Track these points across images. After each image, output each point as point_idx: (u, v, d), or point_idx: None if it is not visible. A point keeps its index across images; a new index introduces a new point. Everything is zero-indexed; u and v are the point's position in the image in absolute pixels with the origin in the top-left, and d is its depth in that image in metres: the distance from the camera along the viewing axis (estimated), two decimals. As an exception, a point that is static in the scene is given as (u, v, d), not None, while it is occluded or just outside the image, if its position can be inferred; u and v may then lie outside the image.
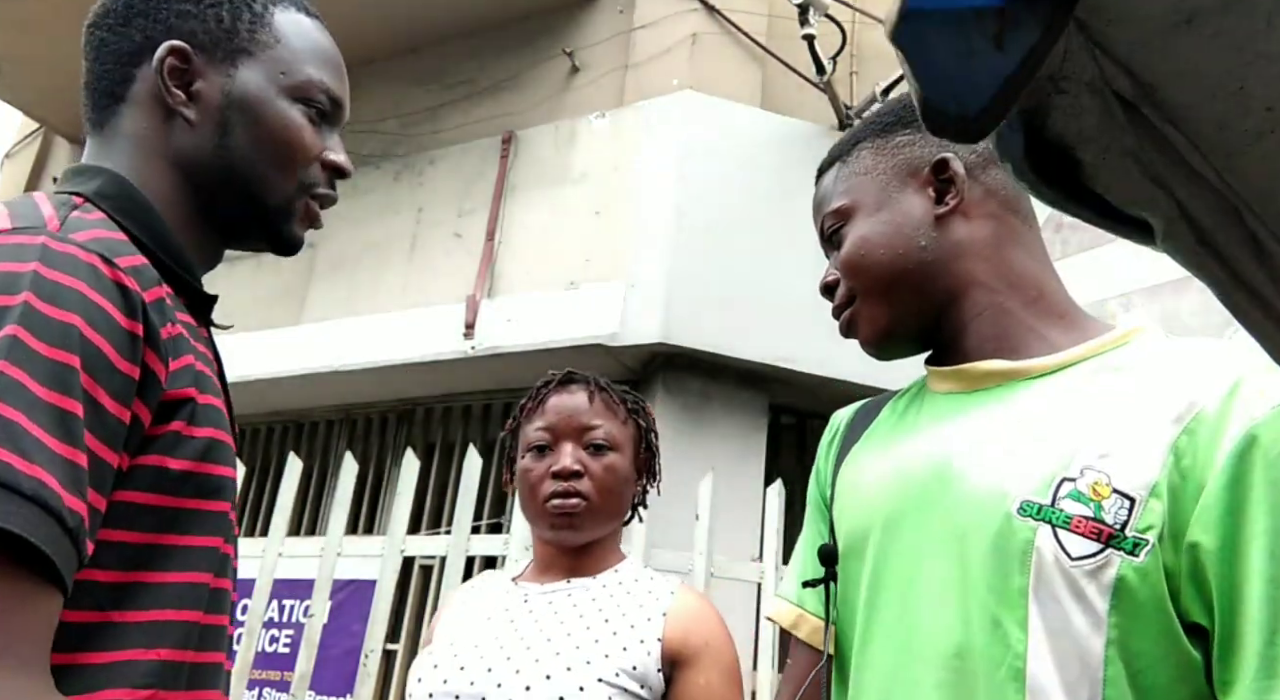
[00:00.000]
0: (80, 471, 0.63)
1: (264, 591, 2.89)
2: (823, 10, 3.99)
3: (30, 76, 5.40)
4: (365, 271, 4.74)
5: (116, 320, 0.67)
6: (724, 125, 4.24)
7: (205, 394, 0.77)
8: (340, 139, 0.93)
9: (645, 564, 2.78)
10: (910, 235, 0.93)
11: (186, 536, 0.75)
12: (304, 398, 4.96)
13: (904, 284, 0.93)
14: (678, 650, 1.23)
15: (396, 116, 5.11)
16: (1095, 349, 0.86)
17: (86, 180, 0.81)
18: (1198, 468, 0.72)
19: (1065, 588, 0.73)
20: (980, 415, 0.87)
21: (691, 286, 3.94)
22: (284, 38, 0.88)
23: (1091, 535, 0.73)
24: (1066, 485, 0.75)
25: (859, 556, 0.90)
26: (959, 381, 0.92)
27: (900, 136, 0.98)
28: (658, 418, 4.38)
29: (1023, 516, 0.76)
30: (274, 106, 0.86)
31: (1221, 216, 0.45)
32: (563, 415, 1.37)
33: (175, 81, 0.84)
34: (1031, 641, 0.74)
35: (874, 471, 0.94)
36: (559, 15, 4.92)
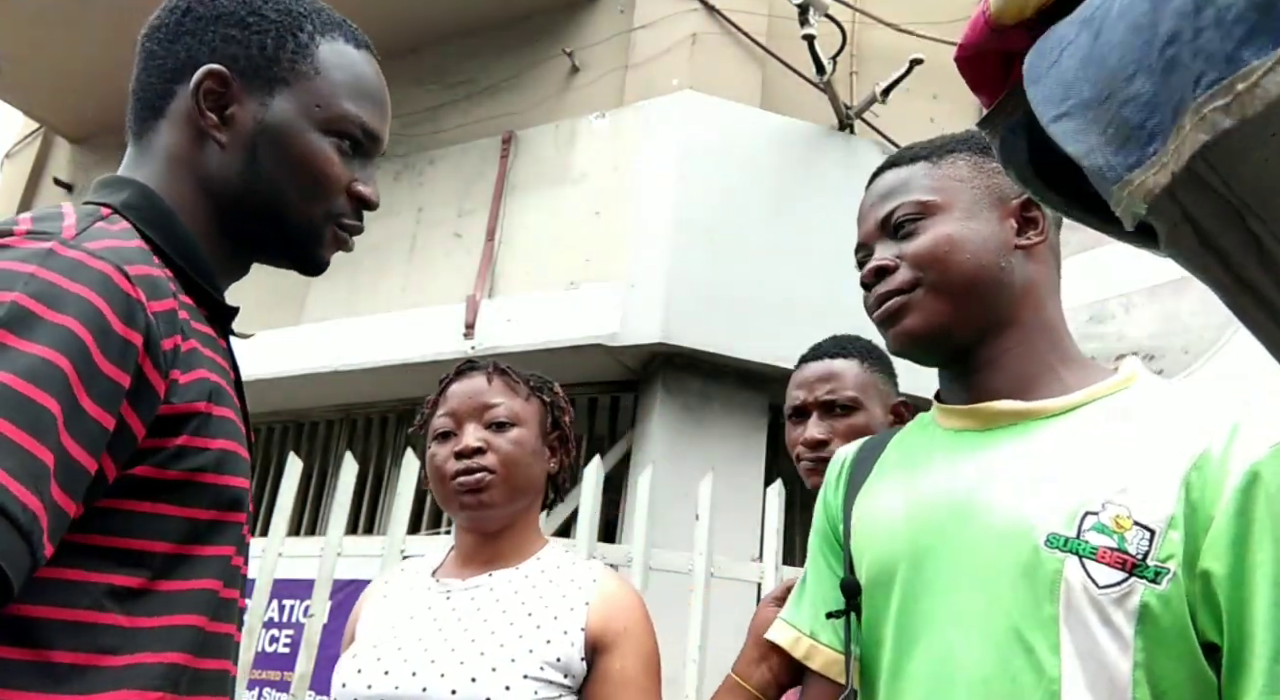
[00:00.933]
0: (42, 468, 0.62)
1: (264, 591, 2.89)
2: (823, 10, 3.99)
3: (30, 76, 5.40)
4: (365, 271, 4.74)
5: (111, 326, 0.68)
6: (724, 125, 4.24)
7: (220, 407, 0.78)
8: (373, 170, 0.94)
9: (647, 565, 2.79)
10: (996, 252, 0.96)
11: (206, 546, 0.76)
12: (304, 398, 4.96)
13: (976, 292, 0.95)
14: (598, 637, 1.25)
15: (396, 116, 5.07)
16: (1101, 392, 0.92)
17: (115, 191, 0.82)
18: (1206, 501, 0.77)
19: (1094, 614, 0.78)
20: (997, 453, 0.91)
21: (691, 286, 3.94)
22: (325, 69, 0.89)
23: (1116, 565, 0.78)
24: (1090, 518, 0.81)
25: (885, 590, 0.94)
26: (973, 420, 0.96)
27: (995, 163, 0.99)
28: (658, 418, 4.38)
29: (1050, 549, 0.81)
30: (303, 138, 0.87)
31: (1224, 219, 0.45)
32: (462, 399, 1.39)
33: (210, 104, 0.85)
34: (1065, 666, 0.78)
35: (892, 507, 0.97)
36: (559, 15, 4.92)
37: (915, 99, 4.55)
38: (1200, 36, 0.42)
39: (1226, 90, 0.40)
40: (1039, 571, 0.81)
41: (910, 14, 4.70)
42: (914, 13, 4.70)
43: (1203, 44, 0.42)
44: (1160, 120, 0.44)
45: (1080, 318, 2.54)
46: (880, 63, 4.57)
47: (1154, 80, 0.44)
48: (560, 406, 1.47)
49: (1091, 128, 0.47)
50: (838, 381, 1.60)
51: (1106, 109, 0.46)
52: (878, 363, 1.67)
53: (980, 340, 0.96)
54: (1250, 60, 0.40)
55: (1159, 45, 0.44)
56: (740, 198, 4.13)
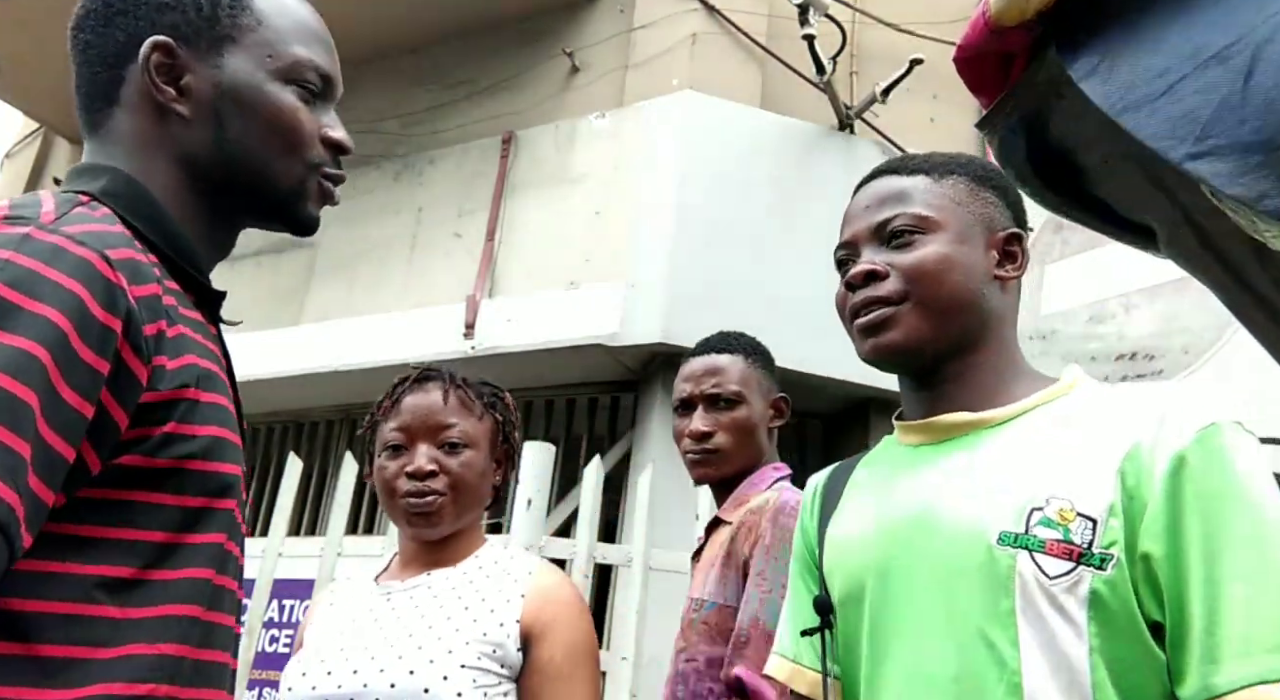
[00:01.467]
0: (18, 460, 0.62)
1: (264, 591, 2.89)
2: (823, 10, 3.99)
3: (30, 76, 5.40)
4: (365, 271, 4.74)
5: (91, 312, 0.66)
6: (724, 125, 4.24)
7: (210, 392, 0.76)
8: (336, 115, 0.91)
9: (647, 565, 2.78)
10: (979, 278, 1.01)
11: (195, 534, 0.74)
12: (304, 398, 4.95)
13: (957, 313, 1.00)
14: (530, 627, 1.27)
15: (396, 116, 5.11)
16: (1043, 398, 0.98)
17: (92, 179, 0.80)
18: (1141, 489, 0.83)
19: (1048, 604, 0.83)
20: (951, 462, 0.97)
21: (691, 286, 3.94)
22: (266, 18, 0.86)
23: (1064, 555, 0.83)
24: (1036, 514, 0.86)
25: (857, 604, 0.98)
26: (929, 433, 1.02)
27: (989, 193, 1.05)
28: (658, 418, 4.38)
29: (1002, 546, 0.86)
30: (265, 93, 0.84)
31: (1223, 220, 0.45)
32: (417, 415, 1.39)
33: (164, 77, 0.82)
34: (1024, 657, 0.83)
35: (861, 526, 1.03)
36: (559, 15, 4.91)
37: (915, 99, 4.55)
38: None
39: None
40: (994, 569, 0.86)
41: (910, 14, 4.69)
42: (914, 13, 4.70)
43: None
44: None
45: (1080, 318, 2.53)
46: (880, 63, 4.56)
47: None
48: (511, 422, 1.50)
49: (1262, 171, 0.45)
50: (722, 376, 1.69)
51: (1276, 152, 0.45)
52: (760, 358, 1.75)
53: (948, 358, 1.01)
54: None
55: None
56: (740, 198, 4.12)
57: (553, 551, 2.83)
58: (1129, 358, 2.40)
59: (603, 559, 2.86)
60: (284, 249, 4.99)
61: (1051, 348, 2.57)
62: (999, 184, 1.06)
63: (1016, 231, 1.04)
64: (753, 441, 1.68)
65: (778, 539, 1.44)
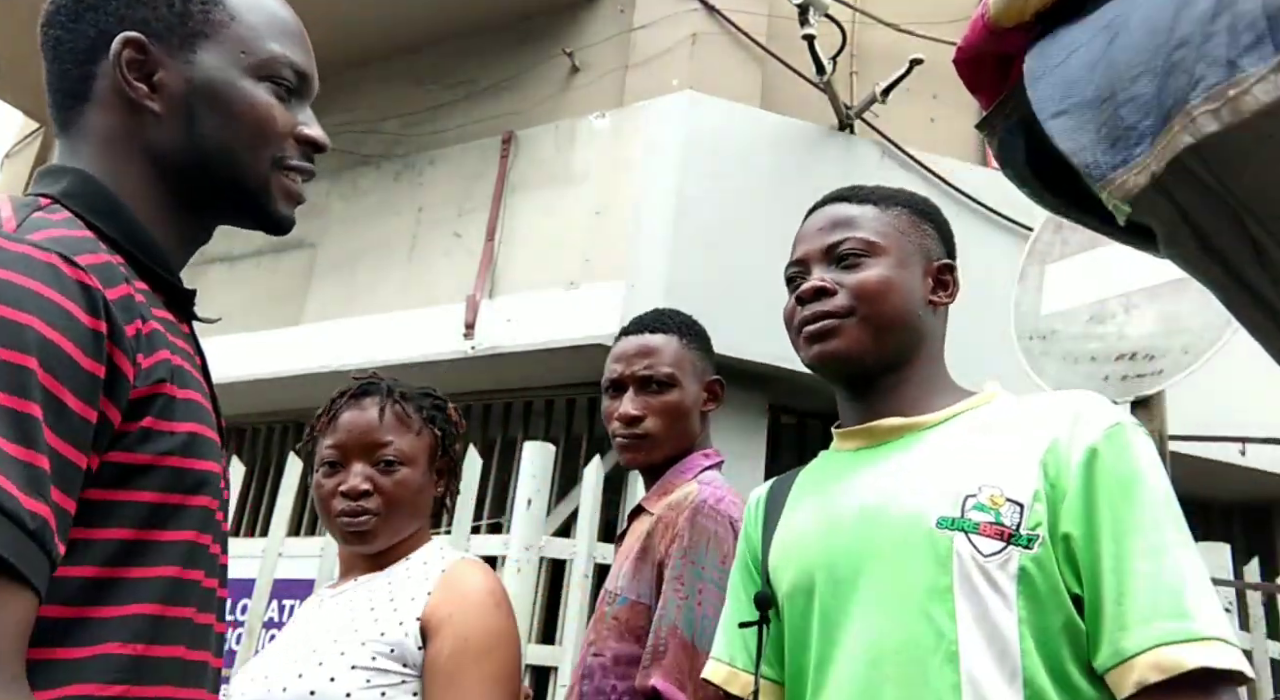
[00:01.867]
0: (39, 473, 0.62)
1: (264, 591, 2.89)
2: (823, 10, 3.99)
3: (30, 76, 5.39)
4: (365, 271, 4.74)
5: (78, 319, 0.66)
6: (724, 125, 4.24)
7: (185, 389, 0.76)
8: (312, 112, 0.91)
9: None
10: (915, 302, 1.13)
11: (166, 531, 0.73)
12: (304, 398, 4.95)
13: (895, 330, 1.11)
14: (427, 623, 1.26)
15: (396, 116, 5.11)
16: (968, 406, 1.10)
17: (54, 181, 0.80)
18: (1060, 478, 0.94)
19: (982, 580, 0.93)
20: (889, 462, 1.08)
21: (691, 286, 3.94)
22: (238, 14, 0.86)
23: (995, 536, 0.94)
24: (970, 500, 0.96)
25: (807, 594, 1.06)
26: (867, 437, 1.14)
27: (927, 226, 1.19)
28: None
29: (941, 529, 0.96)
30: (237, 88, 0.84)
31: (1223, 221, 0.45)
32: (352, 433, 1.39)
33: (135, 74, 0.82)
34: (960, 628, 0.92)
35: (807, 525, 1.12)
36: (559, 15, 4.91)
37: (915, 99, 4.55)
38: (1209, 41, 0.42)
39: (1219, 95, 0.41)
40: (934, 550, 0.96)
41: (910, 14, 4.70)
42: (914, 13, 4.70)
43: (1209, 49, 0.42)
44: (1153, 122, 0.44)
45: (1080, 318, 2.53)
46: (880, 63, 4.57)
47: (1156, 82, 0.44)
48: (453, 433, 1.50)
49: (1087, 126, 0.47)
50: (655, 357, 1.62)
51: (1105, 109, 0.47)
52: (696, 339, 1.70)
53: (884, 371, 1.12)
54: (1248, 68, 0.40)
55: (1169, 49, 0.44)
56: (740, 198, 4.13)
57: (553, 551, 2.83)
58: (1129, 358, 2.40)
59: (603, 559, 2.86)
60: (284, 249, 4.99)
61: (1051, 348, 2.57)
62: (936, 219, 1.20)
63: (949, 262, 1.18)
64: (684, 426, 1.63)
65: (695, 541, 1.39)
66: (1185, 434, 2.97)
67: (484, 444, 4.40)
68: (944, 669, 0.92)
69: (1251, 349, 0.88)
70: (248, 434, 5.44)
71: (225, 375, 4.68)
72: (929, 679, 0.92)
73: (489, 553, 2.98)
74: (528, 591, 2.80)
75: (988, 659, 0.91)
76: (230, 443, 5.29)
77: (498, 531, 3.45)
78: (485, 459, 2.94)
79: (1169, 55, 0.44)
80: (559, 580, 4.10)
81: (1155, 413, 2.35)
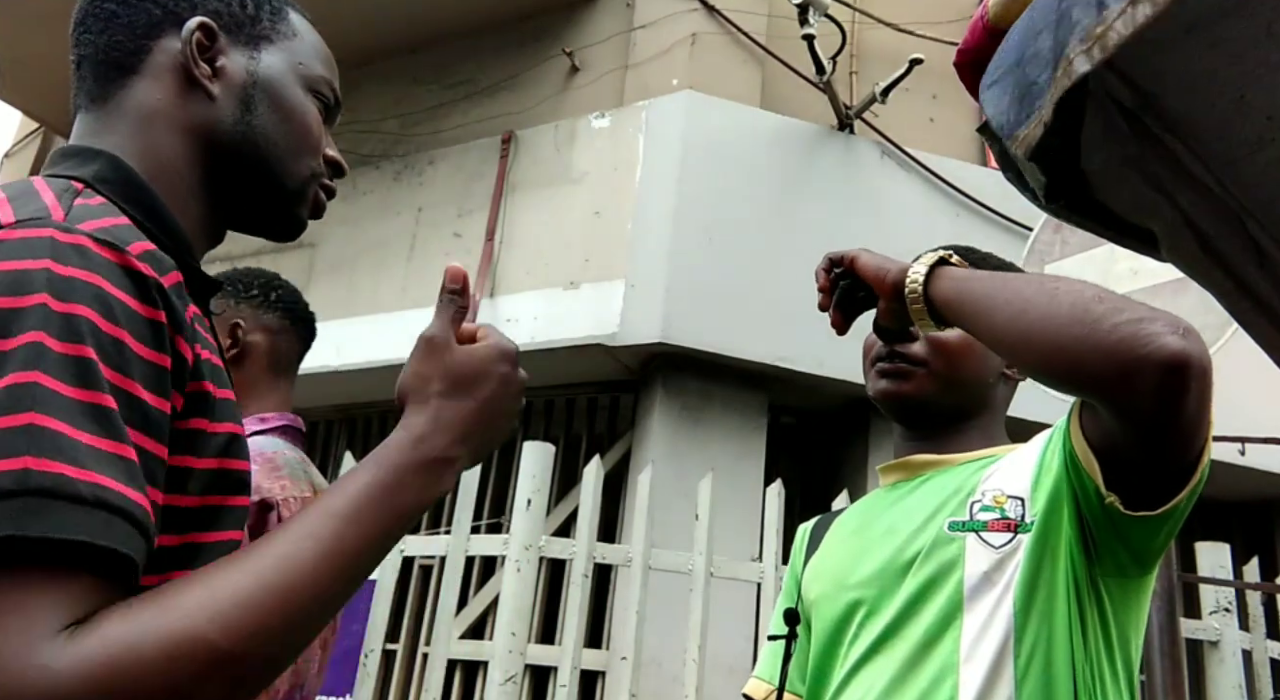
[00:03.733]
0: (133, 465, 0.61)
1: (264, 592, 2.89)
2: (823, 10, 3.99)
3: (30, 76, 5.40)
4: (365, 271, 4.74)
5: (135, 310, 0.65)
6: (724, 125, 4.24)
7: (221, 387, 0.76)
8: (332, 139, 0.96)
9: (646, 565, 2.79)
10: (989, 370, 1.21)
11: (214, 533, 0.74)
12: (304, 398, 4.94)
13: (963, 393, 1.20)
14: None
15: (396, 116, 5.11)
16: (1003, 451, 1.17)
17: (83, 163, 0.79)
18: (1046, 465, 1.05)
19: (987, 579, 1.02)
20: (918, 494, 1.17)
21: (691, 286, 3.94)
22: (300, 32, 0.92)
23: (1003, 529, 1.03)
24: (976, 503, 1.07)
25: (832, 608, 1.15)
26: (903, 472, 1.23)
27: None
28: (658, 418, 4.38)
29: (952, 531, 1.06)
30: (294, 92, 0.89)
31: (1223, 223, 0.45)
32: None
33: (201, 56, 0.85)
34: (967, 618, 1.01)
35: (839, 548, 1.23)
36: (559, 15, 4.91)
37: (915, 99, 4.55)
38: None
39: (1089, 36, 0.42)
40: (947, 549, 1.05)
41: (910, 14, 4.70)
42: (914, 13, 4.70)
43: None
44: (1048, 75, 0.45)
45: (1080, 318, 2.54)
46: (880, 63, 4.57)
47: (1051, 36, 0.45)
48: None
49: (1007, 90, 0.48)
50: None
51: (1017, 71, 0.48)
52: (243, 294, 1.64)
53: (944, 419, 1.21)
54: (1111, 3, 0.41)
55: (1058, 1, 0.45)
56: (740, 198, 4.13)
57: (553, 551, 2.83)
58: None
59: (603, 559, 2.86)
60: (284, 249, 4.99)
61: (1051, 348, 2.57)
62: None
63: None
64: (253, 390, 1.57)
65: None
66: (1185, 434, 2.96)
67: (484, 444, 4.39)
68: (952, 656, 1.01)
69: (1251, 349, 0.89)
70: (248, 434, 5.44)
71: (225, 375, 4.68)
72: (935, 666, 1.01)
73: (489, 553, 2.98)
74: (527, 591, 2.80)
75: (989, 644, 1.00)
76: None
77: (498, 531, 3.46)
78: (485, 459, 2.94)
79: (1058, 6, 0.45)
80: (559, 580, 4.11)
81: (1155, 413, 2.34)
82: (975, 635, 1.01)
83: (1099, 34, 0.42)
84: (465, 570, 3.07)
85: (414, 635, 4.18)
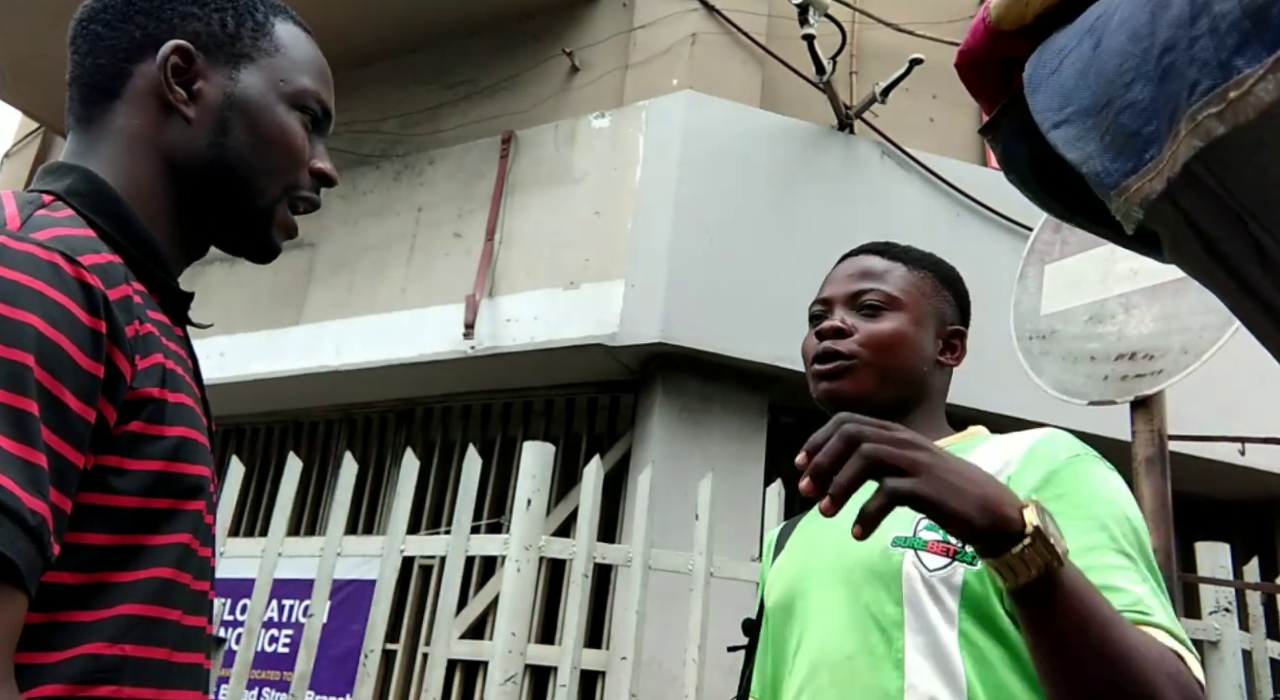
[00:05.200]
0: (39, 472, 0.62)
1: (264, 591, 2.89)
2: (823, 10, 3.99)
3: (30, 77, 5.40)
4: (365, 272, 4.74)
5: (78, 318, 0.67)
6: (724, 125, 4.24)
7: (177, 393, 0.76)
8: (325, 148, 0.96)
9: (647, 565, 2.78)
10: (924, 359, 1.22)
11: (157, 536, 0.74)
12: (304, 398, 4.96)
13: (899, 384, 1.20)
14: None
15: (396, 116, 5.11)
16: (943, 444, 1.14)
17: (58, 178, 0.81)
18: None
19: (927, 594, 1.01)
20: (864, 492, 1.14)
21: (691, 286, 3.94)
22: (284, 47, 0.91)
23: (941, 553, 1.02)
24: (922, 521, 1.04)
25: (786, 611, 1.16)
26: None
27: (948, 292, 1.28)
28: (658, 418, 4.39)
29: (894, 547, 1.05)
30: (273, 111, 0.88)
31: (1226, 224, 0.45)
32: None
33: (177, 79, 0.85)
34: (907, 638, 1.00)
35: (794, 552, 1.23)
36: (559, 15, 4.91)
37: (915, 99, 4.55)
38: (1195, 45, 0.42)
39: (1220, 98, 0.41)
40: (887, 566, 1.04)
41: (910, 14, 4.70)
42: (914, 13, 4.70)
43: (1198, 52, 0.42)
44: (1157, 127, 0.44)
45: (1080, 318, 2.53)
46: (880, 63, 4.57)
47: (1151, 87, 0.45)
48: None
49: (1090, 134, 0.47)
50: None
51: (1105, 116, 0.47)
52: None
53: (886, 412, 1.16)
54: (1243, 68, 0.40)
55: (1157, 53, 0.44)
56: (740, 198, 4.13)
57: (553, 551, 2.83)
58: (1129, 358, 2.40)
59: (602, 559, 2.86)
60: (284, 249, 4.99)
61: (1051, 347, 2.57)
62: (957, 288, 1.29)
63: (961, 329, 1.27)
64: None
65: None
66: (1185, 434, 2.97)
67: (483, 444, 4.40)
68: (891, 674, 1.00)
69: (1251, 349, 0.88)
70: (247, 434, 5.45)
71: (225, 375, 4.69)
72: (878, 683, 1.00)
73: (489, 553, 2.98)
74: (527, 591, 2.80)
75: (931, 669, 0.98)
76: (230, 442, 5.31)
77: (497, 531, 3.46)
78: (485, 459, 2.94)
79: (1158, 60, 0.44)
80: (559, 580, 4.11)
81: (1155, 413, 2.35)
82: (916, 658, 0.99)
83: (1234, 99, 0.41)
84: (465, 570, 3.07)
85: (414, 635, 4.18)
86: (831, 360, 1.20)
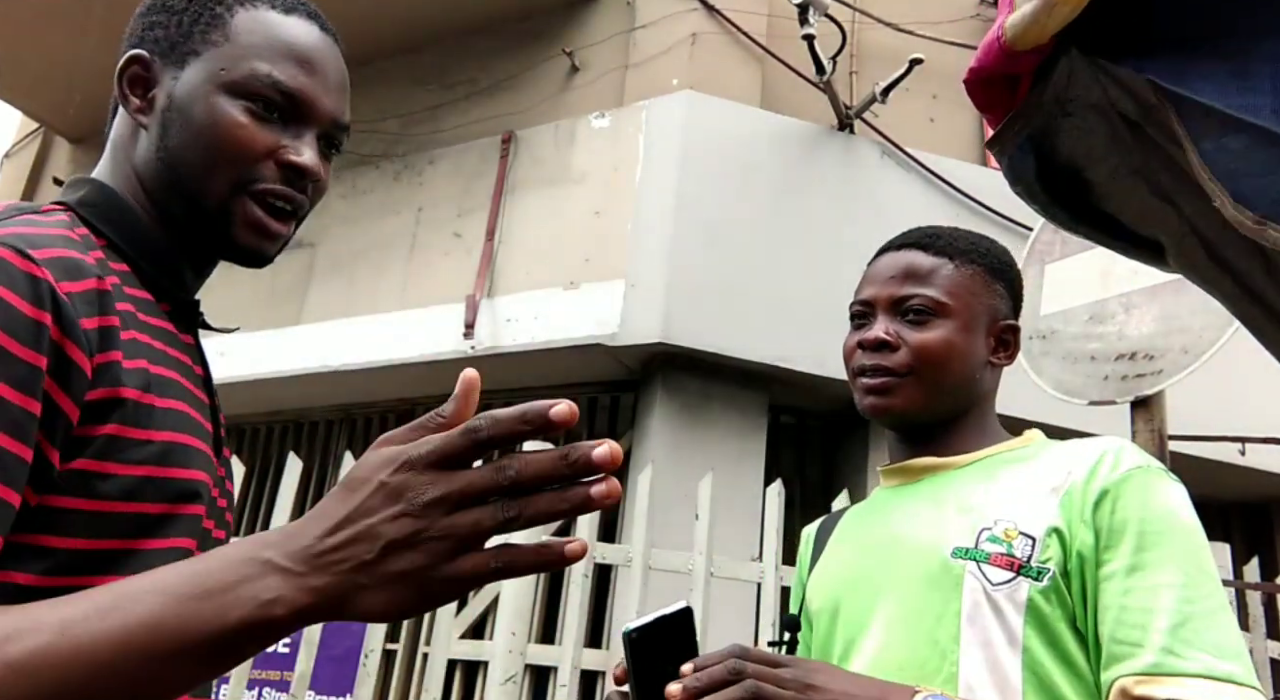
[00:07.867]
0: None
1: (265, 592, 2.89)
2: (823, 10, 3.99)
3: (30, 77, 5.39)
4: (365, 271, 4.74)
5: (16, 308, 0.66)
6: (724, 125, 4.24)
7: (166, 398, 0.76)
8: (309, 137, 0.86)
9: (647, 565, 2.78)
10: (975, 364, 1.15)
11: (150, 540, 0.73)
12: (304, 398, 4.96)
13: (952, 395, 1.14)
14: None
15: (396, 116, 5.11)
16: (1002, 449, 1.13)
17: (74, 190, 0.83)
18: (1074, 519, 0.98)
19: (989, 609, 0.97)
20: (919, 498, 1.13)
21: (691, 286, 3.94)
22: (235, 35, 0.84)
23: (1006, 566, 0.97)
24: (985, 533, 1.00)
25: (832, 615, 1.12)
26: (902, 475, 1.18)
27: (1000, 285, 1.18)
28: (658, 418, 4.40)
29: (955, 558, 1.00)
30: (205, 102, 0.82)
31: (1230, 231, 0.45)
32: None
33: (138, 90, 0.85)
34: (963, 653, 0.97)
35: (841, 554, 1.19)
36: (559, 15, 4.91)
37: (915, 99, 4.55)
38: None
39: None
40: (946, 577, 1.00)
41: (910, 14, 4.70)
42: (914, 13, 4.70)
43: None
44: None
45: (1080, 317, 2.54)
46: (880, 63, 4.57)
47: None
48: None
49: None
50: None
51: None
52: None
53: (937, 423, 1.16)
54: None
55: None
56: (740, 198, 4.13)
57: (553, 552, 2.83)
58: (1129, 358, 2.40)
59: (603, 559, 2.86)
60: (284, 249, 5.00)
61: (1051, 347, 2.57)
62: (1009, 276, 1.19)
63: (1014, 324, 1.19)
64: None
65: None
66: (1185, 434, 2.97)
67: (484, 444, 4.39)
68: (944, 689, 0.96)
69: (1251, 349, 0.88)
70: (247, 434, 5.45)
71: (225, 375, 4.68)
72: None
73: (489, 553, 2.98)
74: (527, 591, 2.80)
75: (988, 686, 0.94)
76: (230, 442, 5.30)
77: (498, 532, 3.45)
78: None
79: None
80: (559, 580, 4.11)
81: (1155, 413, 2.35)
82: (971, 675, 0.96)
83: None
84: (465, 570, 3.07)
85: (414, 635, 4.18)
86: (879, 376, 1.13)
